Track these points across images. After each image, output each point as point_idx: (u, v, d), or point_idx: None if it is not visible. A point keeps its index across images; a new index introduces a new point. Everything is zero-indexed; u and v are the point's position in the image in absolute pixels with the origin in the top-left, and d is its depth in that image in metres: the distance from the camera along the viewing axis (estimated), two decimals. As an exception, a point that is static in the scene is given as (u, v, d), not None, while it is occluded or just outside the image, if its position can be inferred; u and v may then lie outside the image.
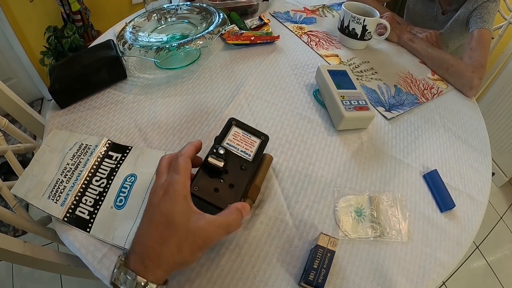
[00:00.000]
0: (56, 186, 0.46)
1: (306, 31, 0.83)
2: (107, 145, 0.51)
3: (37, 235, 0.53)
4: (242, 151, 0.40)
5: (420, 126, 0.61)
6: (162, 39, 0.66)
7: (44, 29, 1.56)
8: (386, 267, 0.41)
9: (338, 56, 0.75)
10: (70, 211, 0.43)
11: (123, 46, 0.60)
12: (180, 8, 0.73)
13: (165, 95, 0.62)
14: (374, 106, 0.63)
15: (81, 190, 0.45)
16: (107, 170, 0.48)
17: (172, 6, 0.74)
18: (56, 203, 0.44)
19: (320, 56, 0.75)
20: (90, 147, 0.50)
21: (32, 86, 1.84)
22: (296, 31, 0.83)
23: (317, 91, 0.64)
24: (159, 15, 0.72)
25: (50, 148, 0.51)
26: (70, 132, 0.54)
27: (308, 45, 0.78)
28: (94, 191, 0.46)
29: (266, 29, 0.80)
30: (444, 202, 0.48)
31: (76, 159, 0.49)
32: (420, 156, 0.55)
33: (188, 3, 0.74)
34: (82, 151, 0.50)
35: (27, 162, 0.49)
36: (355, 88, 0.58)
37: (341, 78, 0.59)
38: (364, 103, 0.55)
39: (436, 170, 0.52)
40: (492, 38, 0.99)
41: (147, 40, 0.65)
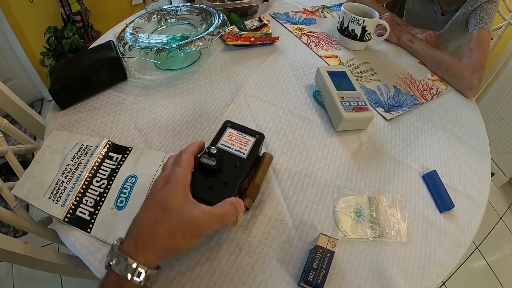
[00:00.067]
0: (56, 186, 0.46)
1: (305, 32, 0.84)
2: (107, 146, 0.51)
3: (37, 235, 0.53)
4: (237, 150, 0.41)
5: (420, 126, 0.61)
6: (162, 40, 0.66)
7: (44, 30, 1.57)
8: (385, 267, 0.41)
9: (338, 57, 0.76)
10: (71, 211, 0.44)
11: (124, 47, 0.60)
12: (180, 9, 0.73)
13: (165, 96, 0.62)
14: (373, 107, 0.63)
15: (81, 191, 0.46)
16: (107, 171, 0.48)
17: (172, 7, 0.74)
18: (56, 203, 0.44)
19: (320, 57, 0.75)
20: (90, 148, 0.51)
21: (32, 87, 1.85)
22: (295, 32, 0.83)
23: (316, 92, 0.64)
24: (159, 16, 0.72)
25: (51, 149, 0.51)
26: (70, 133, 0.54)
27: (307, 46, 0.79)
28: (94, 191, 0.46)
29: (265, 30, 0.80)
30: (443, 202, 0.48)
31: (77, 160, 0.49)
32: (419, 157, 0.55)
33: (188, 4, 0.74)
34: (83, 152, 0.50)
35: (28, 163, 0.49)
36: (355, 89, 0.58)
37: (340, 79, 0.59)
38: (363, 104, 0.56)
39: (435, 170, 0.52)
40: (492, 38, 0.99)
41: (147, 41, 0.65)
